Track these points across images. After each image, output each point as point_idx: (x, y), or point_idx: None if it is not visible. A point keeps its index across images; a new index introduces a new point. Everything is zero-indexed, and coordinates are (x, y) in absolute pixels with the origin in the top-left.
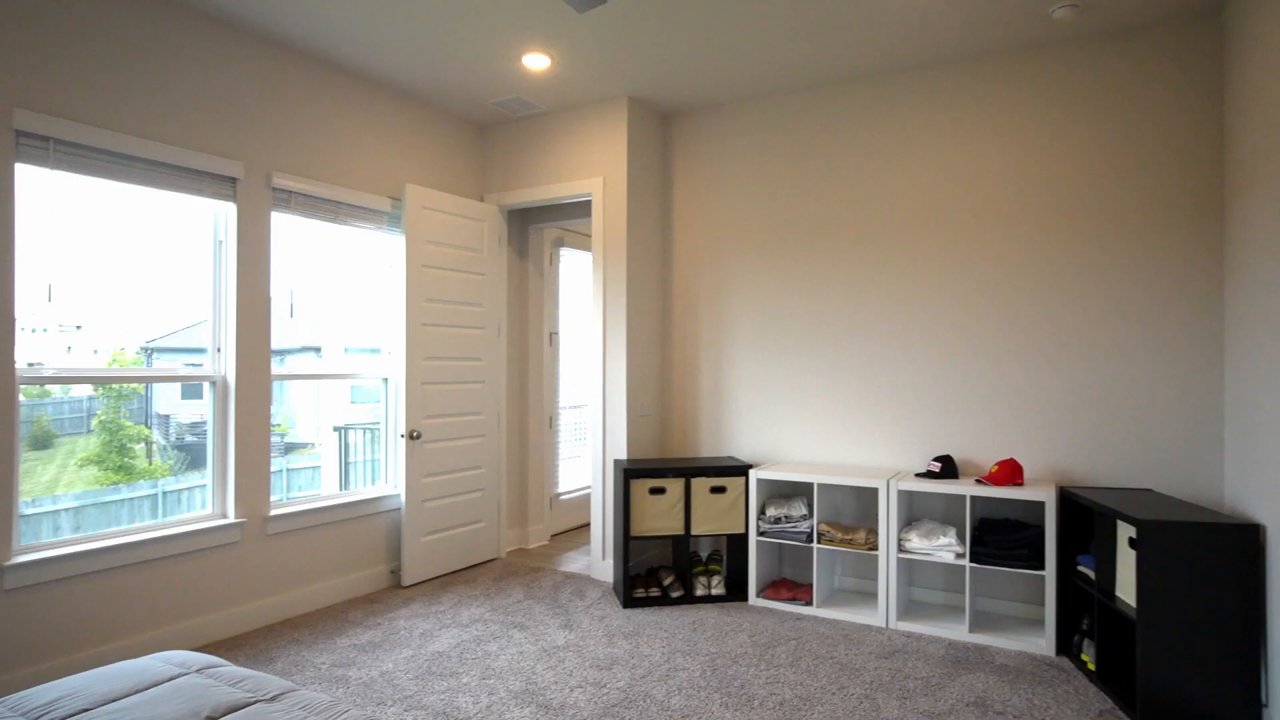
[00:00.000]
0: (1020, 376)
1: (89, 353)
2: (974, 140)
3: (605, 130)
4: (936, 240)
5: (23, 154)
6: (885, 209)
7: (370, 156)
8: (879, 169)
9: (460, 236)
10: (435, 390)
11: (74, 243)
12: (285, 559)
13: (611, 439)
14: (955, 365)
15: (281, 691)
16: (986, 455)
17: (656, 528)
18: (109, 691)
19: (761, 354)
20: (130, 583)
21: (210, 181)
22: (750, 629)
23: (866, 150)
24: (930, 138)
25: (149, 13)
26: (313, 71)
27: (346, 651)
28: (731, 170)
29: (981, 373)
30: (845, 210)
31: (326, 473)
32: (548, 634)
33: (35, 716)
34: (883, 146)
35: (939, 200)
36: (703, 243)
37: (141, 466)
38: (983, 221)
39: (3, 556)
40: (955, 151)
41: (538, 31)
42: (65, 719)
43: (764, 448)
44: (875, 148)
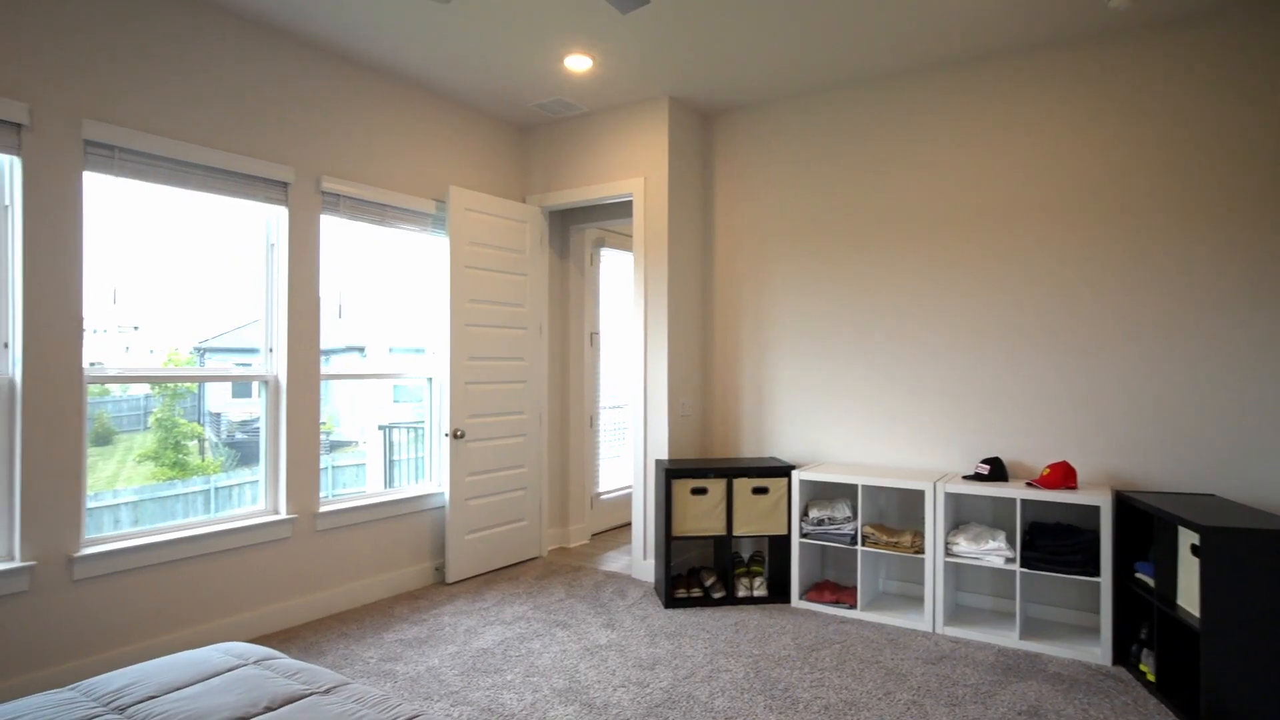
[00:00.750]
0: (1073, 377)
1: (146, 353)
2: (1026, 134)
3: (646, 130)
4: (989, 236)
5: (90, 162)
6: (934, 204)
7: (415, 159)
8: (926, 163)
9: (503, 237)
10: (478, 390)
11: (132, 247)
12: (334, 555)
13: (652, 439)
14: (1005, 365)
15: (335, 685)
16: (1036, 458)
17: (698, 528)
18: (173, 680)
19: (804, 353)
20: (188, 575)
21: (263, 186)
22: (793, 631)
23: (914, 145)
24: (979, 131)
25: (205, 24)
26: (360, 77)
27: (393, 647)
28: (773, 168)
29: (1032, 373)
30: (892, 207)
31: (371, 471)
32: (590, 633)
33: (106, 702)
34: (931, 140)
35: (992, 195)
36: (744, 241)
37: (195, 463)
38: (1037, 217)
39: (73, 548)
40: (1006, 145)
41: (580, 33)
42: (133, 705)
43: (806, 448)
44: (923, 142)
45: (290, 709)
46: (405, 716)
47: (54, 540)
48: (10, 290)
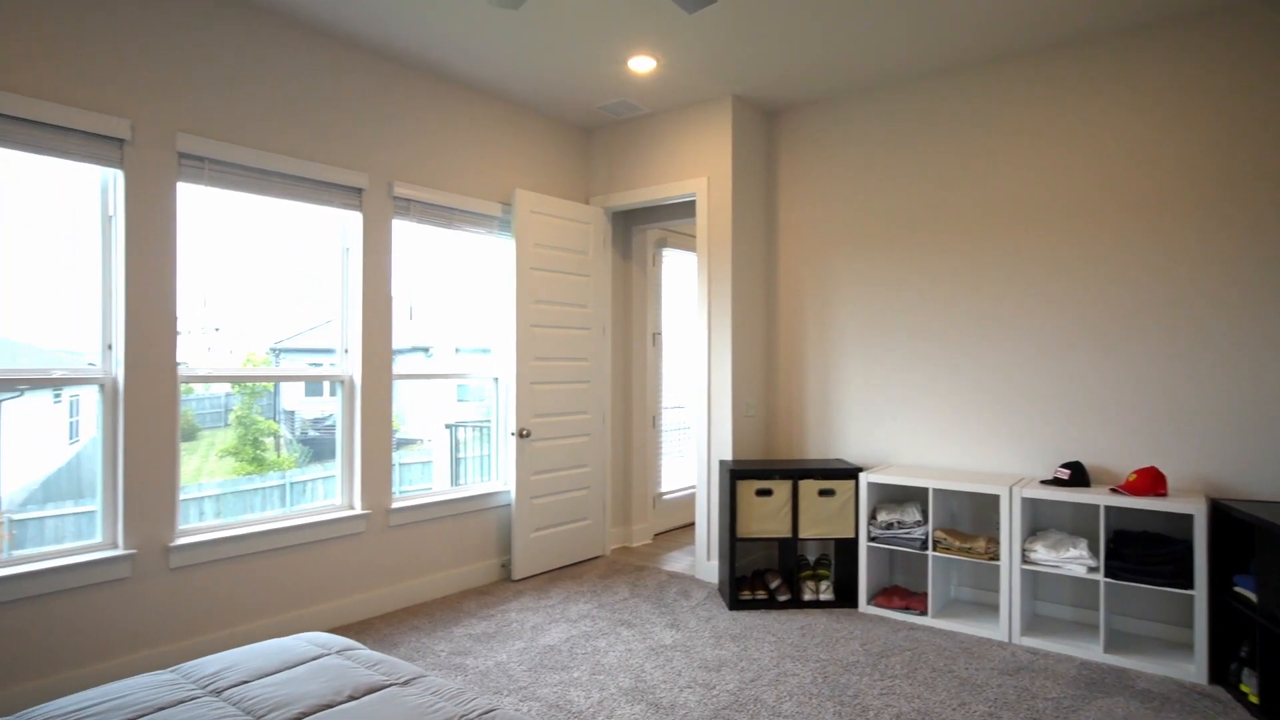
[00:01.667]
0: (1162, 377)
1: (226, 353)
2: (1107, 123)
3: (709, 130)
4: (1068, 230)
5: (183, 173)
6: (1009, 198)
7: (481, 163)
8: (998, 156)
9: (567, 239)
10: (543, 390)
11: (213, 252)
12: (405, 550)
13: (716, 439)
14: (1086, 365)
15: (413, 676)
16: (1121, 462)
17: (763, 530)
18: (263, 666)
19: (871, 353)
20: (270, 566)
21: (339, 193)
22: (861, 637)
23: (985, 137)
24: (1057, 121)
25: (283, 38)
26: (429, 84)
27: (463, 641)
28: (838, 164)
29: (1116, 373)
30: (963, 201)
31: (438, 468)
32: (655, 633)
33: (204, 685)
34: (1004, 133)
35: (1070, 187)
36: (809, 239)
37: (271, 459)
38: (1123, 210)
39: (168, 538)
40: (1085, 136)
41: (645, 34)
42: (228, 688)
43: (873, 450)
44: (996, 134)
45: (371, 699)
46: (481, 710)
47: (152, 530)
48: (114, 295)
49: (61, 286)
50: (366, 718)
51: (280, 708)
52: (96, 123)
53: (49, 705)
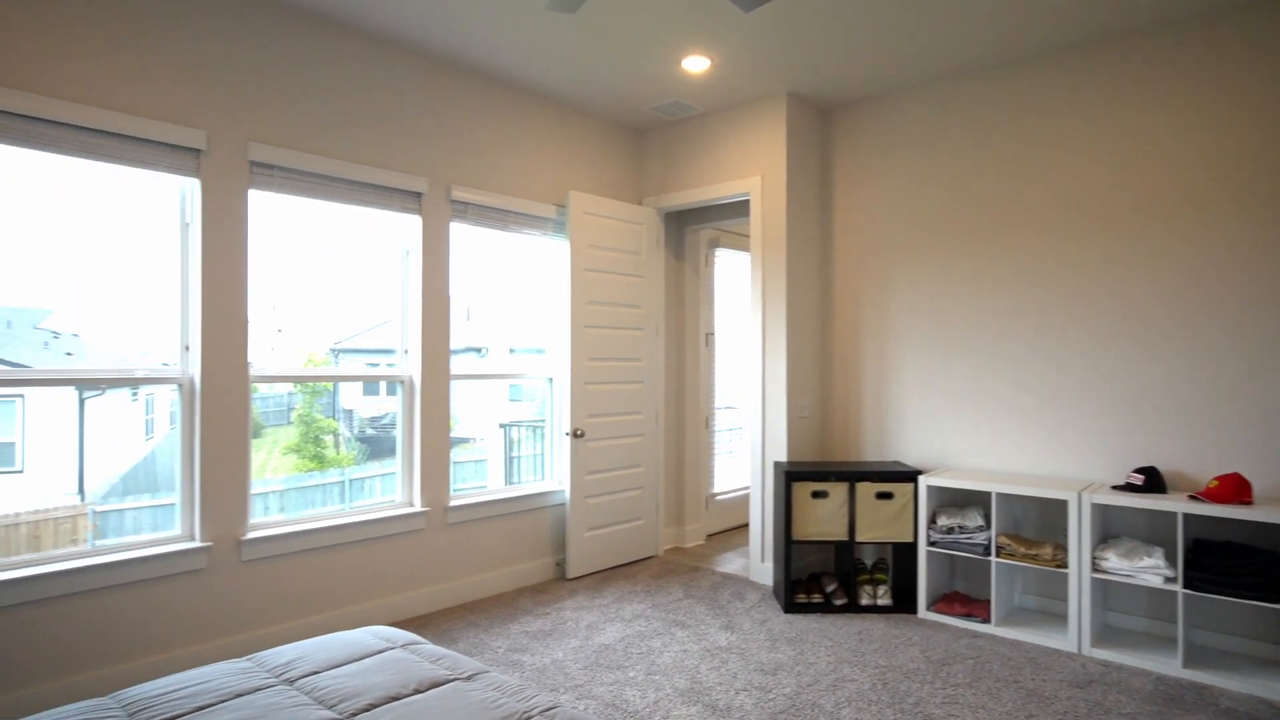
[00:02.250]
0: (1245, 377)
1: (288, 354)
2: (1181, 113)
3: (763, 128)
4: (1138, 225)
5: (254, 181)
6: (1073, 192)
7: (536, 166)
8: (1060, 149)
9: (620, 240)
10: (597, 390)
11: (277, 256)
12: (462, 547)
13: (770, 440)
14: (1160, 366)
15: (475, 672)
16: (1200, 468)
17: (819, 532)
18: (332, 658)
19: (930, 353)
20: (334, 560)
21: (399, 197)
22: (921, 643)
23: (1046, 130)
24: (1126, 113)
25: (345, 47)
26: (485, 89)
27: (519, 638)
28: (896, 162)
29: (1194, 375)
30: (1025, 196)
31: (492, 467)
32: (709, 634)
33: (278, 674)
34: (1065, 124)
35: (1138, 181)
36: (865, 238)
37: (331, 456)
38: (1196, 202)
39: (240, 531)
40: (1152, 128)
41: (699, 34)
42: (301, 678)
43: (933, 452)
44: (1056, 126)
45: (436, 692)
46: (542, 707)
47: (226, 523)
48: (190, 299)
49: (140, 291)
50: (432, 711)
51: (350, 698)
52: (176, 134)
53: (138, 688)
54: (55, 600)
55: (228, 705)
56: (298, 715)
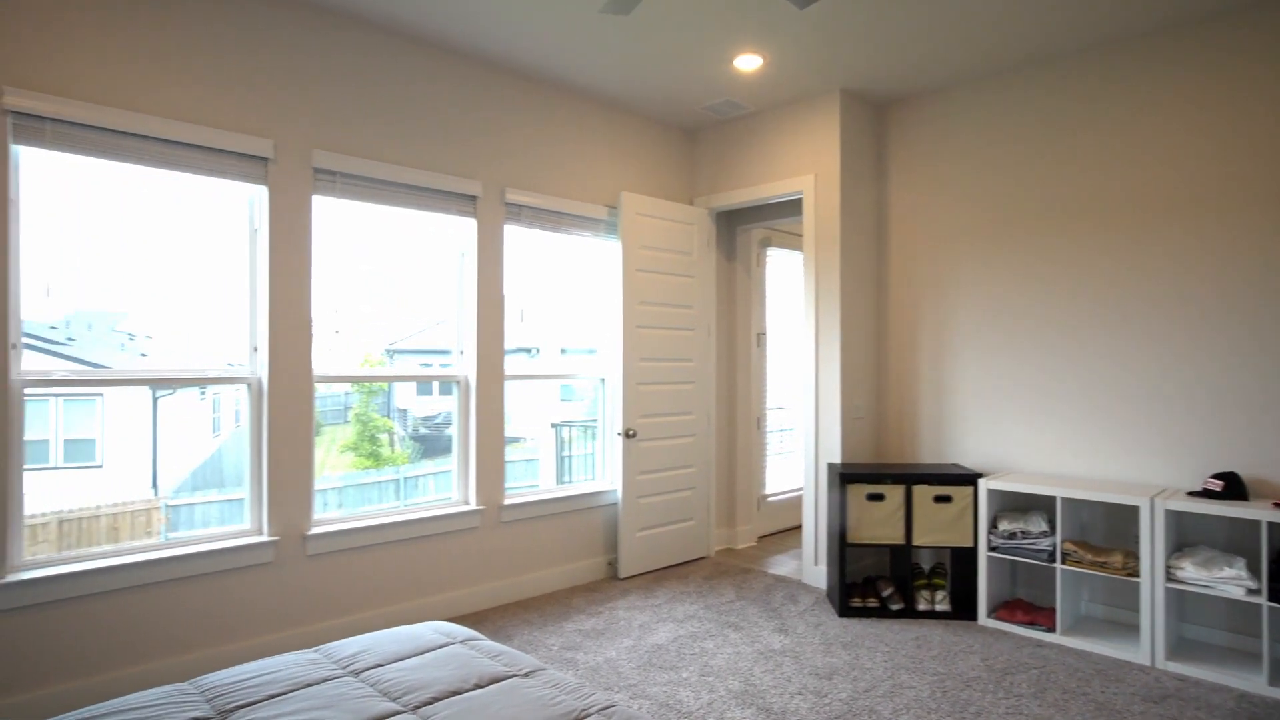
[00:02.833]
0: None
1: (345, 354)
2: (1270, 100)
3: (816, 126)
4: (1214, 220)
5: (318, 187)
6: (1144, 185)
7: (588, 167)
8: (1129, 141)
9: (671, 240)
10: (649, 390)
11: (336, 258)
12: (516, 545)
13: (824, 442)
14: (1243, 366)
15: (533, 669)
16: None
17: (874, 535)
18: (396, 651)
19: (990, 352)
20: (393, 556)
21: (455, 200)
22: (982, 651)
23: (1113, 121)
24: (1208, 100)
25: (401, 54)
26: (538, 92)
27: (573, 636)
28: (953, 158)
29: (1276, 375)
30: (1090, 190)
31: (544, 467)
32: (762, 636)
33: (344, 665)
34: (1132, 115)
35: (1214, 172)
36: (921, 236)
37: (386, 454)
38: (1270, 197)
39: (305, 527)
40: (1231, 118)
41: (752, 32)
42: (366, 670)
43: (992, 455)
44: (1123, 117)
45: (495, 688)
46: (600, 706)
47: (292, 519)
48: (258, 302)
49: (209, 294)
50: (492, 706)
51: (413, 691)
52: (246, 144)
53: (215, 675)
54: (132, 590)
55: (298, 694)
56: (364, 706)
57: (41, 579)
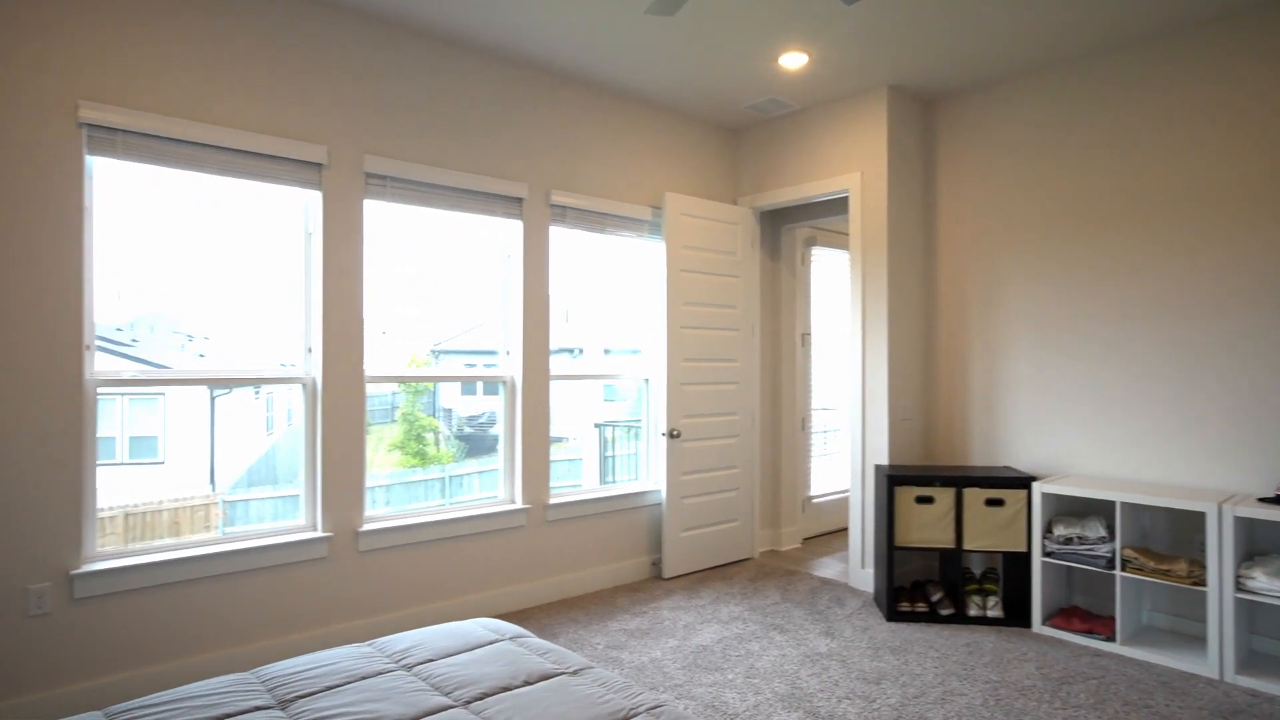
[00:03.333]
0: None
1: (392, 354)
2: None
3: (862, 123)
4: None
5: (369, 191)
6: (1205, 178)
7: (631, 168)
8: (1193, 133)
9: (715, 240)
10: (693, 391)
11: (382, 260)
12: (561, 544)
13: (871, 443)
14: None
15: (581, 667)
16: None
17: (923, 539)
18: (446, 647)
19: (1044, 351)
20: (441, 553)
21: (501, 203)
22: (1037, 660)
23: (1174, 112)
24: (1266, 92)
25: (449, 60)
26: (582, 94)
27: (618, 635)
28: (1005, 153)
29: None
30: (1154, 183)
31: (587, 466)
32: (808, 639)
33: (397, 660)
34: (1195, 106)
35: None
36: (971, 234)
37: (432, 453)
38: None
39: (357, 523)
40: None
41: (796, 30)
42: (418, 664)
43: (1047, 458)
44: (1185, 108)
45: (544, 685)
46: (648, 705)
47: (344, 516)
48: (312, 304)
49: (264, 295)
50: (541, 703)
51: (464, 686)
52: (301, 150)
53: (275, 666)
54: (193, 582)
55: (354, 686)
56: (417, 700)
57: (111, 570)
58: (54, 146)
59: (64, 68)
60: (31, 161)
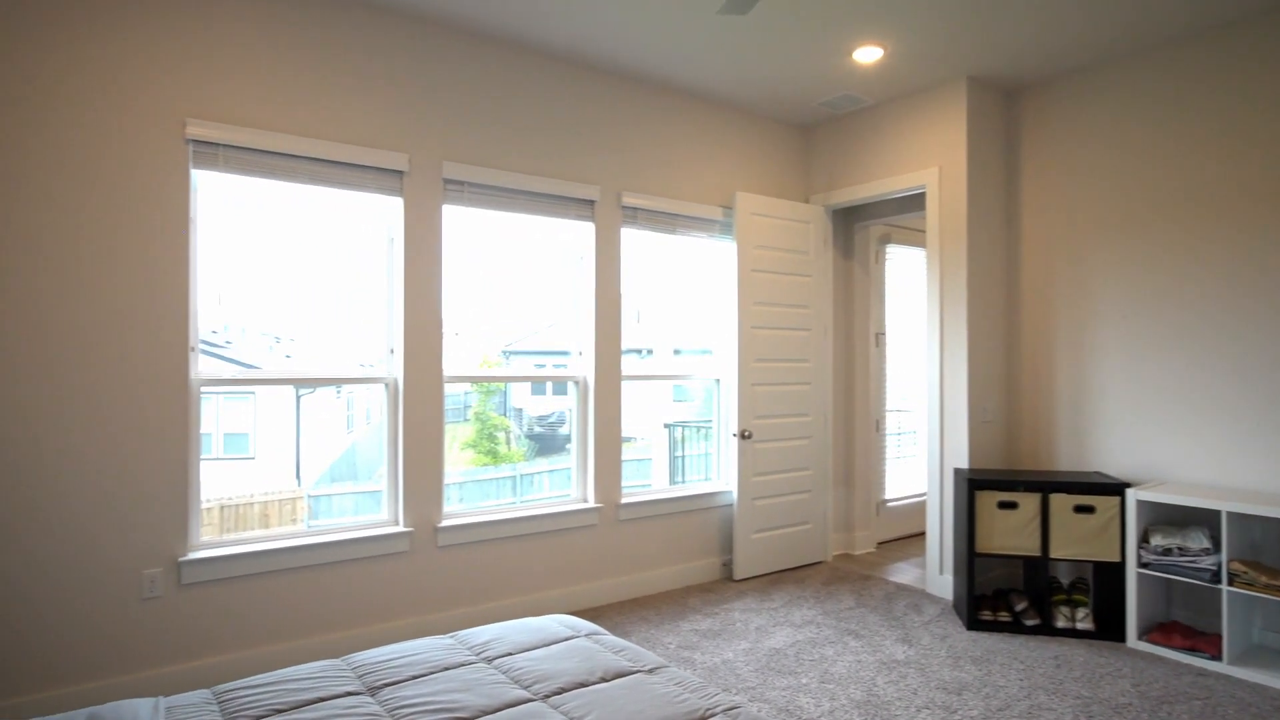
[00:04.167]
0: None
1: (465, 355)
2: None
3: (940, 116)
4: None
5: (447, 197)
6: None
7: (702, 168)
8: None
9: (787, 240)
10: (764, 391)
11: (456, 263)
12: (632, 543)
13: (950, 446)
14: None
15: (656, 666)
16: None
17: (1005, 546)
18: (524, 642)
19: (1139, 351)
20: (516, 550)
21: (574, 205)
22: (1133, 676)
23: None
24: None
25: (523, 66)
26: (652, 95)
27: (690, 636)
28: (1096, 143)
29: None
30: (1262, 172)
31: (656, 466)
32: (885, 646)
33: (478, 652)
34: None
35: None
36: (1058, 226)
37: (503, 452)
38: None
39: (436, 519)
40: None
41: (872, 23)
42: (498, 658)
43: (1142, 463)
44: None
45: (620, 682)
46: (725, 706)
47: (424, 511)
48: (394, 307)
49: (346, 299)
50: (618, 700)
51: (542, 680)
52: (384, 159)
53: (363, 654)
54: (283, 572)
55: (438, 676)
56: (498, 692)
57: (213, 558)
58: (164, 162)
59: (173, 88)
60: (145, 177)
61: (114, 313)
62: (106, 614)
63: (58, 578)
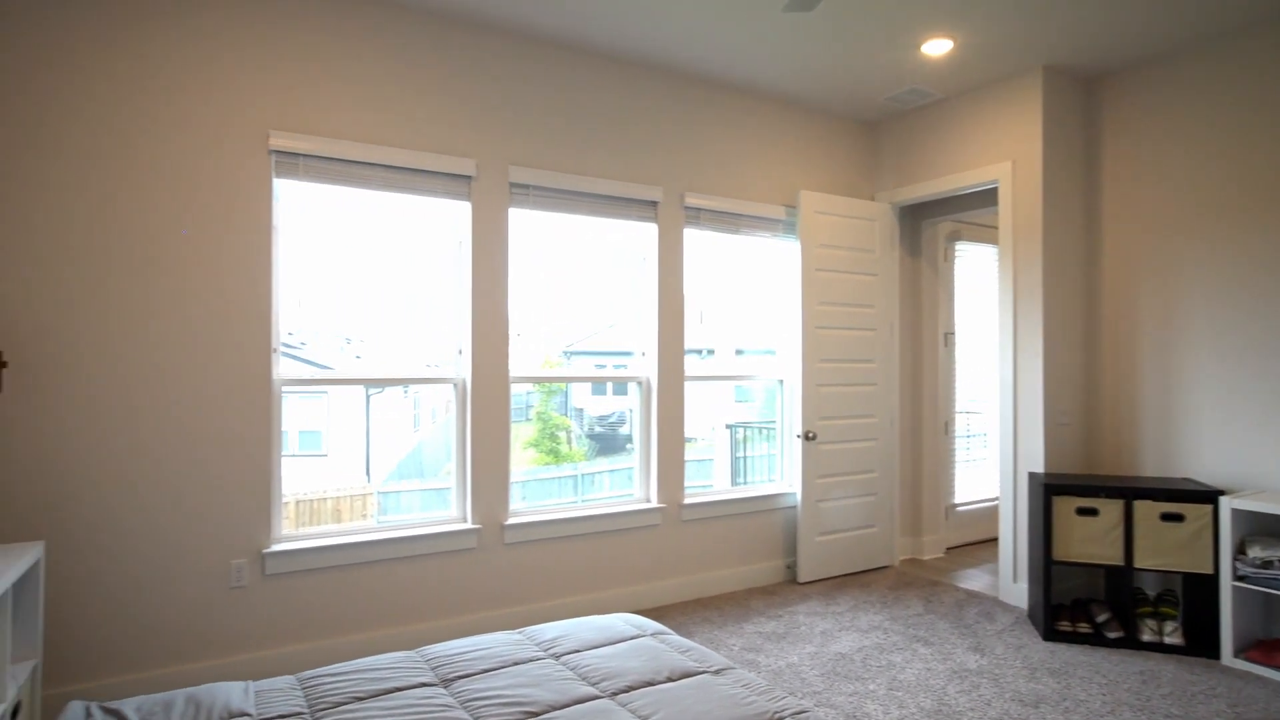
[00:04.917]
0: None
1: (526, 356)
2: None
3: (1013, 108)
4: None
5: (513, 200)
6: None
7: (765, 167)
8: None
9: (852, 238)
10: (829, 392)
11: (520, 264)
12: (695, 544)
13: (1024, 449)
14: None
15: (722, 667)
16: None
17: (1084, 554)
18: (591, 639)
19: (1232, 350)
20: (580, 548)
21: (636, 207)
22: (1229, 696)
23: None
24: None
25: (584, 69)
26: (714, 95)
27: (753, 638)
28: (1187, 132)
29: None
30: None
31: (718, 467)
32: (955, 654)
33: (545, 649)
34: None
35: None
36: (1142, 223)
37: (564, 451)
38: None
39: (503, 517)
40: None
41: (940, 15)
42: (565, 654)
43: (1237, 469)
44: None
45: (687, 682)
46: (792, 710)
47: (491, 509)
48: (463, 309)
49: (415, 300)
50: (684, 700)
51: (610, 678)
52: (453, 165)
53: (435, 647)
54: (357, 566)
55: (508, 671)
56: (566, 688)
57: (294, 550)
58: (249, 172)
59: (257, 102)
60: (231, 187)
61: (209, 318)
62: (198, 601)
63: (157, 566)
